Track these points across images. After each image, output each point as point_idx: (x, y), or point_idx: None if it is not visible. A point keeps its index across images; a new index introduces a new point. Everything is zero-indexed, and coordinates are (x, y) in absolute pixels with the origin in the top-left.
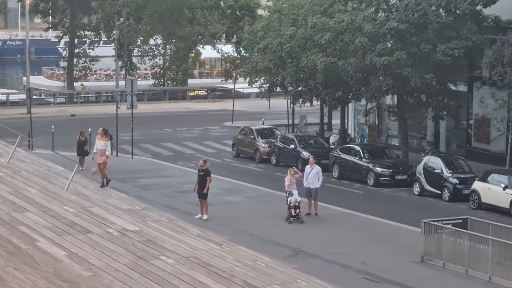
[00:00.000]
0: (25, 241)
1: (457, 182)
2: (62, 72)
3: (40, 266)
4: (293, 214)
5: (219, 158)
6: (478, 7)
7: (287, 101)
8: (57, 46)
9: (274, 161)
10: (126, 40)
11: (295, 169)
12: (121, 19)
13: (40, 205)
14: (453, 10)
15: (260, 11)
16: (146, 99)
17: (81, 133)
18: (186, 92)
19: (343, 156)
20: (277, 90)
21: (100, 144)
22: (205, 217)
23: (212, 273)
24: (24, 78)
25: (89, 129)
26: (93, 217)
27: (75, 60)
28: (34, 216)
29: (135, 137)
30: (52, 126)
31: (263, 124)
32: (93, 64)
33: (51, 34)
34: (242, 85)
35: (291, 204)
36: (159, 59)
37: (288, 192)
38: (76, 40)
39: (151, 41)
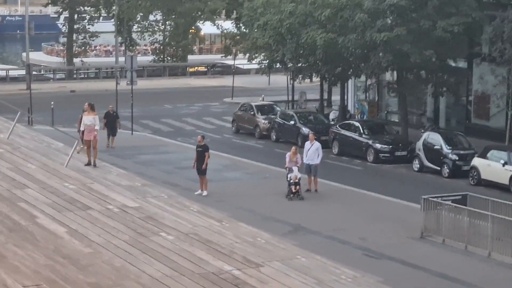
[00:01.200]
0: (25, 218)
1: (457, 158)
2: (61, 48)
3: (40, 243)
4: (293, 191)
5: (219, 134)
6: None
7: (287, 78)
8: (57, 22)
9: (274, 137)
10: (125, 16)
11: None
12: None
13: (40, 182)
14: None
15: None
16: (146, 75)
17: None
18: (186, 68)
19: (343, 132)
20: (277, 66)
21: (88, 119)
22: (204, 193)
23: (212, 249)
24: (24, 54)
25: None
26: (93, 193)
27: (74, 36)
28: (34, 192)
29: (135, 113)
30: (52, 102)
31: (263, 100)
32: (93, 40)
33: (50, 10)
34: (242, 61)
35: (291, 181)
36: (159, 35)
37: (288, 168)
38: (75, 16)
39: (151, 17)
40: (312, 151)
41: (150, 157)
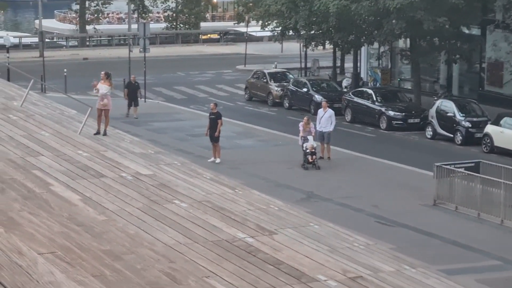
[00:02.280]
0: (40, 185)
1: (470, 125)
2: (74, 15)
3: (54, 210)
4: (310, 160)
5: (232, 101)
6: None
7: (300, 45)
8: None
9: (287, 104)
10: None
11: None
12: None
13: (53, 149)
14: None
15: None
16: (159, 42)
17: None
18: (199, 36)
19: (356, 99)
20: (290, 33)
21: (103, 88)
22: (217, 160)
23: (225, 217)
24: (36, 21)
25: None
26: (107, 161)
27: (87, 3)
28: (48, 160)
29: (148, 80)
30: (65, 70)
31: (276, 67)
32: (106, 7)
33: None
34: (254, 29)
35: (307, 150)
36: (172, 2)
37: (303, 138)
38: None
39: None
40: (325, 119)
41: (163, 125)
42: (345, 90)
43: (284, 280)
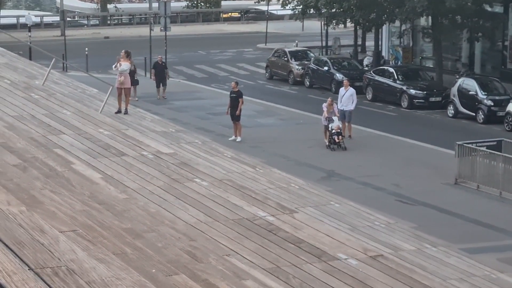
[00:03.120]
0: (61, 164)
1: (492, 104)
2: None
3: (76, 189)
4: (336, 140)
5: (253, 80)
6: None
7: (321, 23)
8: None
9: (308, 83)
10: None
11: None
12: None
13: (75, 128)
14: None
15: None
16: (180, 21)
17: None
18: (220, 14)
19: (377, 78)
20: (311, 12)
21: (123, 65)
22: (238, 139)
23: (246, 195)
24: (58, 0)
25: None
26: (128, 139)
27: None
28: (69, 138)
29: (169, 59)
30: (86, 49)
31: (297, 46)
32: None
33: None
34: (275, 7)
35: (333, 131)
36: None
37: (328, 119)
38: None
39: None
40: (347, 97)
41: (184, 103)
42: (366, 68)
43: (305, 259)
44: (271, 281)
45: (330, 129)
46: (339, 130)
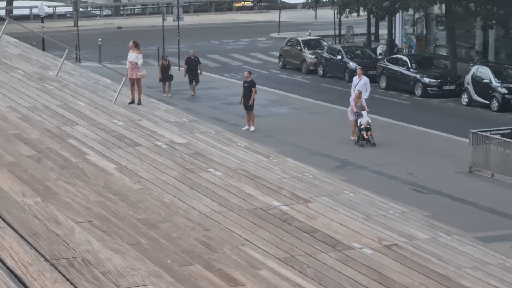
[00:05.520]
0: (75, 155)
1: (506, 92)
2: None
3: (90, 179)
4: (365, 136)
5: (266, 69)
6: None
7: (334, 12)
8: None
9: (321, 72)
10: None
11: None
12: None
13: (89, 118)
14: None
15: None
16: (192, 10)
17: (163, 57)
18: (232, 3)
19: (391, 66)
20: (324, 0)
21: (132, 56)
22: (252, 128)
23: (260, 185)
24: None
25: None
26: (141, 130)
27: None
28: (83, 129)
29: (182, 49)
30: (99, 39)
31: (310, 35)
32: None
33: None
34: None
35: (362, 126)
36: None
37: (357, 113)
38: None
39: None
40: (360, 86)
41: (197, 93)
42: (379, 57)
43: (319, 248)
44: (286, 270)
45: (359, 124)
46: (368, 126)
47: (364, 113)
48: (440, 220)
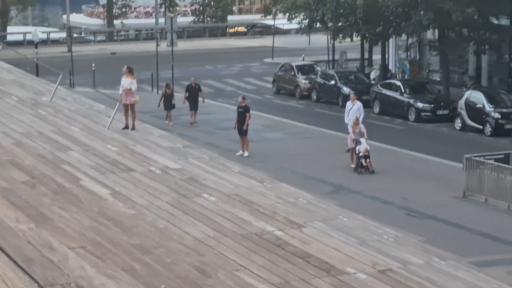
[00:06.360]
0: (69, 180)
1: (499, 116)
2: (101, 10)
3: (84, 205)
4: (364, 164)
5: (260, 94)
6: None
7: (327, 37)
8: None
9: (315, 97)
10: None
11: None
12: None
13: (83, 144)
14: None
15: None
16: (186, 36)
17: (166, 85)
18: (226, 29)
19: (384, 91)
20: (317, 26)
21: (126, 82)
22: (246, 154)
23: (254, 210)
24: (64, 17)
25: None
26: (135, 155)
27: None
28: (77, 155)
29: (176, 74)
30: (93, 64)
31: (303, 60)
32: (133, 2)
33: None
34: (281, 21)
35: (361, 154)
36: None
37: (355, 141)
38: None
39: None
40: (354, 111)
41: (190, 117)
42: (373, 82)
43: (313, 273)
44: None
45: (357, 151)
46: (367, 153)
47: (362, 140)
48: (434, 245)
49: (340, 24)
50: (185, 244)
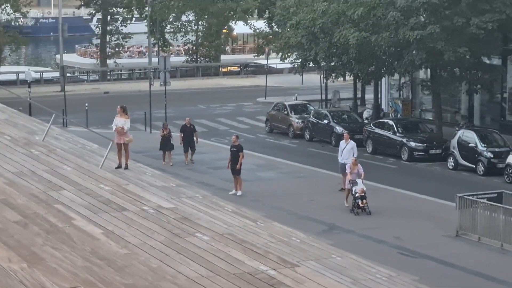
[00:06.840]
0: (62, 220)
1: (492, 156)
2: (95, 49)
3: (77, 245)
4: (360, 205)
5: (253, 134)
6: None
7: (320, 76)
8: (90, 24)
9: (308, 136)
10: (158, 16)
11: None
12: None
13: (75, 183)
14: None
15: None
16: (179, 75)
17: (163, 125)
18: (219, 68)
19: (377, 131)
20: (310, 65)
21: (120, 122)
22: (239, 193)
23: (247, 249)
24: (58, 56)
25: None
26: (128, 194)
27: (107, 37)
28: (70, 194)
29: (169, 113)
30: (86, 104)
31: (296, 99)
32: (126, 41)
33: (83, 12)
34: (274, 61)
35: (357, 195)
36: (192, 36)
37: (351, 181)
38: (108, 17)
39: (184, 18)
40: (347, 150)
41: (184, 157)
42: (366, 121)
43: None
44: None
45: (353, 192)
46: (363, 194)
47: (359, 180)
48: (427, 284)
49: (333, 63)
50: (178, 284)
